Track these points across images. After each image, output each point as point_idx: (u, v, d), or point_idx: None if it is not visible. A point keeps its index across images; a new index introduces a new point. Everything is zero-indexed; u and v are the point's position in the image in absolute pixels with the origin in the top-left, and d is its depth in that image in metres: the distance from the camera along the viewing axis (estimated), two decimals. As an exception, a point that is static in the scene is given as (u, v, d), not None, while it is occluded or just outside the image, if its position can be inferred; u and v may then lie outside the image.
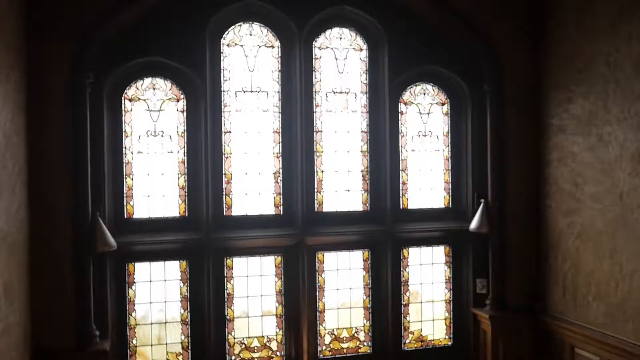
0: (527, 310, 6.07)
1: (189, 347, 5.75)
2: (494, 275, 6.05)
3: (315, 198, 5.98)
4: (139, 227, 5.60)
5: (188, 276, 5.74)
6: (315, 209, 5.98)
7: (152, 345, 5.70)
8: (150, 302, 5.68)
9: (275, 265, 5.93)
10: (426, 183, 6.25)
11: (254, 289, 5.88)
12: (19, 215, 4.56)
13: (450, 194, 6.31)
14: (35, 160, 4.94)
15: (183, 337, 5.74)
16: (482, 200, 6.00)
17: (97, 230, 5.19)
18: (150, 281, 5.68)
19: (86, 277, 5.19)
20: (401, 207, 6.17)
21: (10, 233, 4.28)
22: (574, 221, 5.57)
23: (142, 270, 5.66)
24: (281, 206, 5.92)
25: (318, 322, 6.02)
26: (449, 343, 6.34)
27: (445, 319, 6.34)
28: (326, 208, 6.01)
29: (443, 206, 6.31)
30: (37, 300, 4.98)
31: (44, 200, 5.02)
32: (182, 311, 5.74)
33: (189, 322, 5.75)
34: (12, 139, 4.42)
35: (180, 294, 5.73)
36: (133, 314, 5.64)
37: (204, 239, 5.62)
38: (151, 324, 5.69)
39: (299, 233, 5.81)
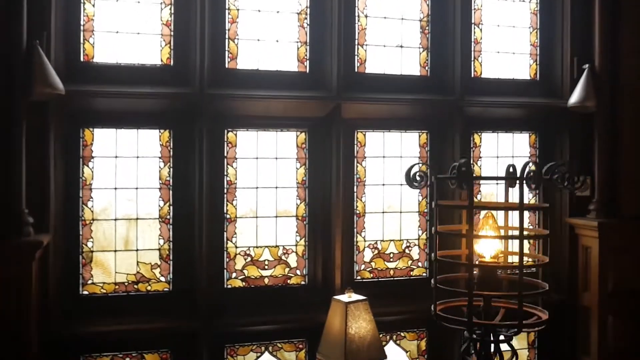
0: (650, 217, 4.35)
1: (170, 257, 3.96)
2: (602, 169, 4.31)
3: (356, 53, 4.22)
4: (101, 76, 3.81)
5: (171, 153, 3.96)
6: (355, 69, 4.23)
7: (115, 250, 3.90)
8: (115, 188, 3.89)
9: (298, 145, 4.16)
10: (506, 45, 4.51)
11: (265, 177, 4.11)
12: None
13: (537, 61, 4.57)
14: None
15: (162, 242, 3.96)
16: (587, 66, 4.29)
17: (34, 64, 3.41)
18: (116, 157, 3.89)
19: (15, 135, 3.42)
20: (472, 75, 4.43)
21: None
22: None
23: (104, 140, 3.87)
24: (307, 61, 4.16)
25: (355, 230, 4.25)
26: (534, 268, 4.58)
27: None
28: (370, 68, 4.26)
29: (528, 78, 4.58)
30: None
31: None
32: (162, 204, 3.96)
33: (170, 221, 3.97)
34: None
35: (160, 178, 3.95)
36: (89, 204, 3.84)
37: (195, 95, 3.85)
38: (115, 219, 3.90)
39: (332, 97, 4.06)
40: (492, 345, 2.85)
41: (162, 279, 3.95)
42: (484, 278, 2.87)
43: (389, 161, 4.29)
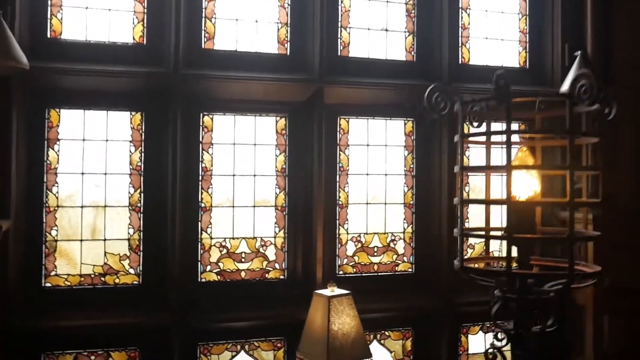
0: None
1: (140, 247, 3.72)
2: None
3: (339, 36, 4.05)
4: (69, 54, 3.59)
5: (143, 137, 3.74)
6: (338, 52, 4.04)
7: (81, 240, 3.65)
8: (82, 173, 3.66)
9: (277, 131, 3.96)
10: (495, 31, 4.35)
11: (243, 164, 3.90)
12: None
13: (527, 48, 4.41)
14: None
15: (132, 232, 3.71)
16: (579, 52, 4.13)
17: (-4, 35, 3.20)
18: (84, 140, 3.67)
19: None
20: (460, 62, 4.26)
21: None
22: None
23: (71, 122, 3.65)
24: (288, 43, 3.97)
25: (338, 222, 4.03)
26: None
27: (519, 230, 4.39)
28: (354, 52, 4.08)
29: (517, 65, 4.41)
30: None
31: None
32: (132, 191, 3.72)
33: (141, 209, 3.73)
34: None
35: (131, 163, 3.73)
36: (54, 190, 3.60)
37: (169, 75, 3.64)
38: (82, 206, 3.66)
39: (314, 80, 3.86)
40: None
41: (132, 271, 3.71)
42: (519, 225, 2.25)
43: (373, 150, 4.09)
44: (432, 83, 4.01)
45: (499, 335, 2.30)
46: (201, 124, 3.82)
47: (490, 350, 2.28)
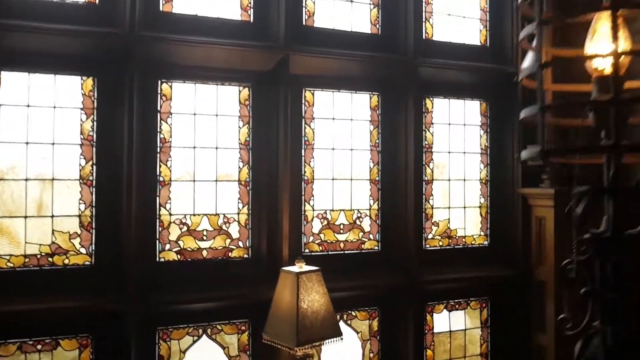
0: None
1: (93, 225, 3.40)
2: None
3: (304, 4, 3.89)
4: (11, 11, 3.21)
5: (95, 104, 3.43)
6: (303, 22, 3.88)
7: (26, 217, 3.29)
8: (27, 143, 3.30)
9: (241, 102, 3.74)
10: (456, 7, 4.32)
11: (204, 136, 3.65)
12: None
13: (487, 26, 4.41)
14: None
15: (83, 207, 3.39)
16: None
17: None
18: (29, 106, 3.31)
19: None
20: (423, 37, 4.19)
21: None
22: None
23: (13, 86, 3.28)
24: (251, 9, 3.77)
25: (304, 197, 3.86)
26: (485, 242, 4.37)
27: (480, 207, 4.37)
28: (319, 22, 3.92)
29: (479, 44, 4.39)
30: None
31: None
32: (83, 163, 3.40)
33: (93, 182, 3.41)
34: None
35: (82, 133, 3.40)
36: (-6, 161, 3.24)
37: (124, 37, 3.34)
38: (26, 179, 3.30)
39: (279, 47, 3.67)
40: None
41: (83, 250, 3.38)
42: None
43: (339, 124, 3.95)
44: (396, 56, 3.98)
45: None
46: (159, 91, 3.55)
47: (570, 267, 1.76)
